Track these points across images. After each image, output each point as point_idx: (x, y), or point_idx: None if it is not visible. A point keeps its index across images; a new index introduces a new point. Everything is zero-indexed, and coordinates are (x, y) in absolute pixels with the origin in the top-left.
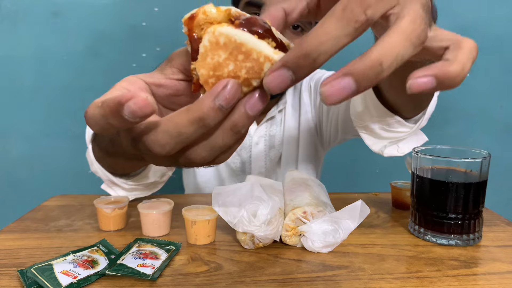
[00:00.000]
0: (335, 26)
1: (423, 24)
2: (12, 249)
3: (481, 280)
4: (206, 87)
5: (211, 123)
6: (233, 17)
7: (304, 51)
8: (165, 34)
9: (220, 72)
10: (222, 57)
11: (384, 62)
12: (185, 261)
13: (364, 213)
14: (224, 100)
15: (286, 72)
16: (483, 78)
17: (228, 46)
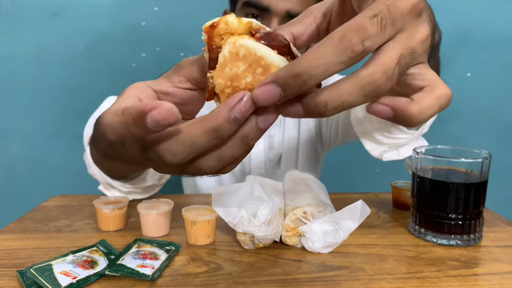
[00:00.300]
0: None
1: (391, 74)
2: (12, 250)
3: (481, 281)
4: (222, 97)
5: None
6: (253, 30)
7: (296, 71)
8: (164, 34)
9: (238, 83)
10: (240, 69)
11: (329, 104)
12: (185, 262)
13: (364, 214)
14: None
15: (275, 88)
16: (483, 78)
17: (248, 58)
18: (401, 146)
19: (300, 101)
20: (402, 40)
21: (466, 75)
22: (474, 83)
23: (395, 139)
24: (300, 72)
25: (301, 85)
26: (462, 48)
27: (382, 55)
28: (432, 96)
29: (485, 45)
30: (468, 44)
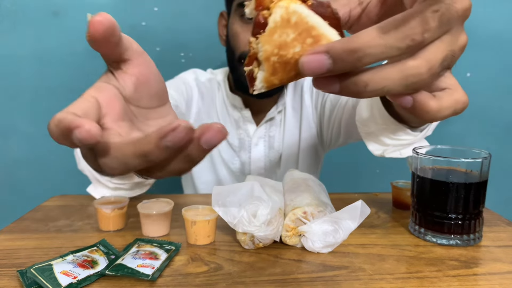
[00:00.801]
0: (392, 35)
1: (435, 72)
2: (12, 249)
3: (481, 281)
4: (266, 65)
5: (156, 160)
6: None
7: (352, 47)
8: (164, 34)
9: (285, 52)
10: (290, 37)
11: (369, 85)
12: (185, 262)
13: (364, 213)
14: (171, 142)
15: (326, 59)
16: (483, 78)
17: (299, 26)
18: (403, 148)
19: (339, 77)
20: (448, 41)
21: (466, 75)
22: (474, 83)
23: (398, 140)
24: (357, 48)
25: (354, 62)
26: None
27: (430, 51)
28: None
29: (485, 45)
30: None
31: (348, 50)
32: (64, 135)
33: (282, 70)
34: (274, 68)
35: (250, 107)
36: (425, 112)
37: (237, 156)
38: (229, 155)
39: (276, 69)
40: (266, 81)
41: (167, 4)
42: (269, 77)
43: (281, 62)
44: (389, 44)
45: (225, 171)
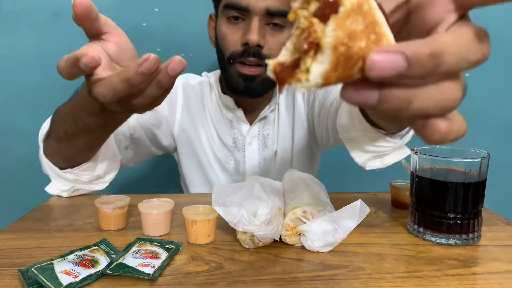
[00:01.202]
0: (473, 45)
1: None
2: (13, 249)
3: (480, 280)
4: (332, 55)
5: (136, 83)
6: None
7: (434, 50)
8: (165, 34)
9: (352, 44)
10: (359, 27)
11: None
12: (186, 261)
13: (363, 213)
14: (145, 68)
15: (400, 60)
16: (483, 79)
17: (367, 18)
18: (385, 155)
19: (381, 86)
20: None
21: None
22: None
23: (379, 147)
24: (439, 53)
25: (432, 68)
26: None
27: (462, 78)
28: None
29: None
30: None
31: (429, 53)
32: (72, 65)
33: (343, 66)
34: (338, 61)
35: (242, 107)
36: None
37: (232, 155)
38: (223, 155)
39: (340, 63)
40: (324, 77)
41: (168, 5)
42: (330, 72)
43: (346, 55)
44: (467, 53)
45: (219, 171)
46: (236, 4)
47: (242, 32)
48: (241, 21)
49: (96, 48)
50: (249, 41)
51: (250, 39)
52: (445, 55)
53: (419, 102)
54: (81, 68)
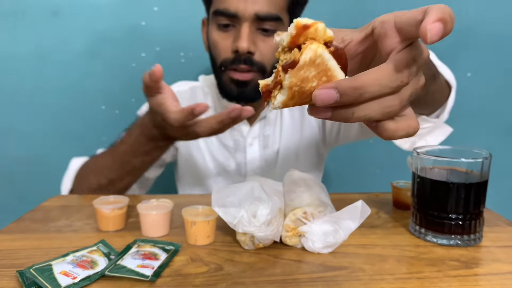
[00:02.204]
0: (387, 77)
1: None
2: (11, 250)
3: (482, 281)
4: (288, 92)
5: (227, 124)
6: (330, 42)
7: (356, 85)
8: (164, 33)
9: (305, 85)
10: (311, 74)
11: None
12: (185, 262)
13: (364, 214)
14: (235, 114)
15: (334, 93)
16: (483, 78)
17: (320, 67)
18: (427, 135)
19: (333, 107)
20: (415, 82)
21: (466, 75)
22: (474, 83)
23: (421, 129)
24: (360, 87)
25: (356, 97)
26: (462, 48)
27: (403, 90)
28: (406, 123)
29: (485, 45)
30: (468, 44)
31: (353, 87)
32: (190, 114)
33: (298, 97)
34: (293, 95)
35: None
36: (385, 130)
37: (232, 157)
38: (224, 157)
39: (294, 96)
40: (283, 103)
41: (167, 4)
42: (287, 101)
43: (299, 91)
44: (384, 84)
45: (221, 173)
46: (225, 10)
47: (232, 39)
48: (231, 28)
49: (168, 94)
50: (239, 49)
51: (240, 47)
52: (367, 87)
53: (360, 113)
54: (195, 113)
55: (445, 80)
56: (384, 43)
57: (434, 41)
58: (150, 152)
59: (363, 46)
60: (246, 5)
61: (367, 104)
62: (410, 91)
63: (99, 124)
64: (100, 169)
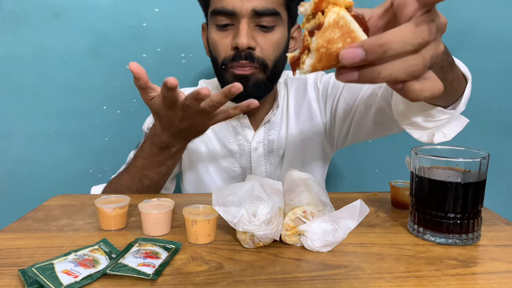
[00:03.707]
0: (408, 34)
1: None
2: (13, 249)
3: (480, 280)
4: (316, 54)
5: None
6: (350, 8)
7: (380, 42)
8: (165, 34)
9: (331, 46)
10: (336, 35)
11: (381, 73)
12: (186, 260)
13: (363, 213)
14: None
15: (360, 51)
16: (482, 78)
17: (343, 28)
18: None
19: (358, 67)
20: (435, 46)
21: None
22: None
23: (438, 121)
24: (384, 43)
25: (381, 54)
26: (462, 48)
27: (425, 51)
28: (431, 83)
29: (485, 45)
30: (468, 44)
31: (377, 44)
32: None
33: (326, 59)
34: (321, 57)
35: (247, 113)
36: (411, 91)
37: (237, 162)
38: (229, 163)
39: (322, 58)
40: (313, 66)
41: (168, 5)
42: (316, 63)
43: (326, 53)
44: (406, 41)
45: (225, 177)
46: (222, 9)
47: (232, 37)
48: (230, 27)
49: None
50: (239, 45)
51: (239, 43)
52: (390, 44)
53: (386, 72)
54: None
55: (461, 72)
56: (404, 12)
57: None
58: (164, 162)
59: (383, 20)
60: (242, 2)
61: (391, 63)
62: (431, 52)
63: (101, 124)
64: (120, 190)
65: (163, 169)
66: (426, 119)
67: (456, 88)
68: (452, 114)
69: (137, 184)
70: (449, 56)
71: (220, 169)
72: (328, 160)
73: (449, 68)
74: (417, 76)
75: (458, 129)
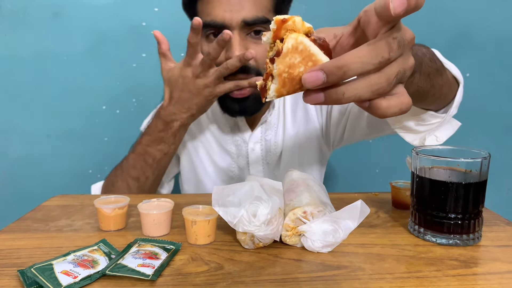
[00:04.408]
0: (367, 54)
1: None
2: (12, 249)
3: (480, 280)
4: (278, 79)
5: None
6: (310, 33)
7: (340, 64)
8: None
9: (293, 70)
10: (297, 60)
11: (346, 93)
12: (185, 261)
13: (364, 213)
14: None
15: (321, 74)
16: (483, 78)
17: (303, 53)
18: (436, 130)
19: (324, 89)
20: (401, 62)
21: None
22: (473, 83)
23: (430, 125)
24: (343, 65)
25: (341, 75)
26: (462, 48)
27: (389, 68)
28: (398, 100)
29: (484, 45)
30: (467, 44)
31: (337, 66)
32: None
33: (289, 84)
34: (284, 82)
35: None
36: (377, 108)
37: (235, 162)
38: (227, 163)
39: (285, 83)
40: (277, 91)
41: (168, 5)
42: (280, 88)
43: (289, 78)
44: (365, 61)
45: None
46: (212, 22)
47: (224, 50)
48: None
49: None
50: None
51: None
52: (349, 65)
53: (350, 93)
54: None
55: (453, 76)
56: (369, 29)
57: (398, 14)
58: (166, 139)
59: (354, 38)
60: (232, 14)
61: (355, 83)
62: (396, 69)
63: (100, 124)
64: (125, 169)
65: (165, 147)
66: (418, 123)
67: (446, 93)
68: (444, 118)
69: (141, 163)
70: (436, 62)
71: (218, 170)
72: (325, 159)
73: (437, 74)
74: (382, 94)
75: (450, 132)
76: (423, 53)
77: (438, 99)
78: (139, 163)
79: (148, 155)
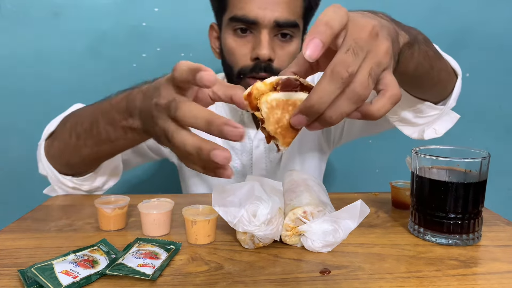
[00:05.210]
0: (327, 85)
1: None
2: (13, 249)
3: (480, 280)
4: (278, 137)
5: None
6: (275, 85)
7: (310, 104)
8: (165, 34)
9: (282, 123)
10: (279, 114)
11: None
12: (185, 261)
13: (364, 213)
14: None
15: (302, 117)
16: (483, 78)
17: (280, 105)
18: (434, 123)
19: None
20: (370, 58)
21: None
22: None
23: (428, 117)
24: (313, 104)
25: (317, 112)
26: (462, 48)
27: (358, 74)
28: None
29: (484, 45)
30: (467, 44)
31: (308, 107)
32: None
33: (288, 132)
34: (283, 134)
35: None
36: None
37: (239, 159)
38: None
39: (284, 134)
40: (284, 144)
41: (168, 5)
42: (283, 140)
43: (284, 129)
44: (329, 91)
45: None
46: (244, 17)
47: (251, 46)
48: (249, 34)
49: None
50: (260, 56)
51: (261, 54)
52: (319, 101)
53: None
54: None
55: (452, 68)
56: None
57: (314, 59)
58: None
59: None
60: (265, 12)
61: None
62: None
63: None
64: (76, 118)
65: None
66: (417, 115)
67: (446, 80)
68: (443, 110)
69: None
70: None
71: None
72: (325, 159)
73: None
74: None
75: (449, 125)
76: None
77: (437, 84)
78: (87, 120)
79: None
